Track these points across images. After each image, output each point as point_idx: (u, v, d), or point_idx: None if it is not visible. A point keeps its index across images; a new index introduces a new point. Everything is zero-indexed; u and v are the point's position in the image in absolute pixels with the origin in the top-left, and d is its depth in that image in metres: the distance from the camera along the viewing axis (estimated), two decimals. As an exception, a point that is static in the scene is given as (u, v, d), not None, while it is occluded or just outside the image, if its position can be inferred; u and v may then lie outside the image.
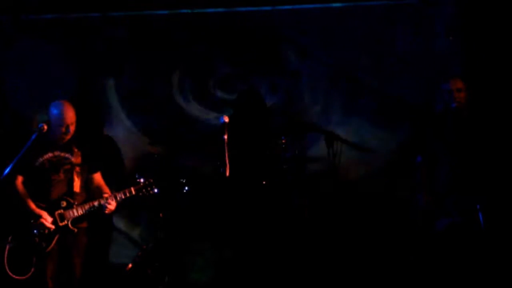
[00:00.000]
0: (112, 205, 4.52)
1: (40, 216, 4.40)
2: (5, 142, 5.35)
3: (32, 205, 4.43)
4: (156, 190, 4.63)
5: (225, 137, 4.46)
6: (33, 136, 4.32)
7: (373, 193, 5.56)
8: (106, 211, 4.52)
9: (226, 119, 4.53)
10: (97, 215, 4.59)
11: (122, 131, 5.89)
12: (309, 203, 5.42)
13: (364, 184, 5.64)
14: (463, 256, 4.37)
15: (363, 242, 5.46)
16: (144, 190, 4.61)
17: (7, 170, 4.22)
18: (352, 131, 5.73)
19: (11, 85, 5.89)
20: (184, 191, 5.35)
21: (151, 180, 4.62)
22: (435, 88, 4.81)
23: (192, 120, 5.88)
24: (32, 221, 4.41)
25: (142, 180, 4.61)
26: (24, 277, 4.33)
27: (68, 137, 4.58)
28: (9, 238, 4.39)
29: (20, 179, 4.51)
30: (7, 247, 4.36)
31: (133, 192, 4.58)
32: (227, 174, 4.44)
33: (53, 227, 4.42)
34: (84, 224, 4.59)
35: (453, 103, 4.53)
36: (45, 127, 4.36)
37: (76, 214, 4.49)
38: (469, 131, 4.52)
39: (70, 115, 4.54)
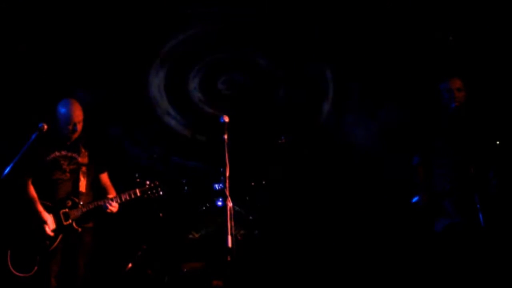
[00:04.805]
0: (115, 206, 4.52)
1: (44, 222, 4.39)
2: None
3: (40, 208, 4.42)
4: (161, 193, 4.62)
5: (225, 137, 4.40)
6: (33, 136, 4.28)
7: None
8: (109, 212, 4.51)
9: (226, 119, 4.44)
10: (101, 215, 4.58)
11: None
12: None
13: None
14: (463, 256, 4.35)
15: (363, 242, 5.49)
16: (149, 192, 4.60)
17: (7, 170, 4.18)
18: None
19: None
20: (184, 191, 5.35)
21: (157, 183, 4.62)
22: (433, 87, 4.75)
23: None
24: (36, 220, 4.40)
25: (148, 182, 4.59)
26: (27, 275, 4.32)
27: (76, 135, 4.57)
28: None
29: (29, 181, 4.49)
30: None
31: (138, 194, 4.57)
32: (227, 174, 4.41)
33: (52, 234, 4.41)
34: (90, 224, 4.59)
35: (453, 103, 4.48)
36: (45, 126, 4.30)
37: (80, 213, 4.49)
38: (469, 130, 4.45)
39: (77, 113, 4.52)
